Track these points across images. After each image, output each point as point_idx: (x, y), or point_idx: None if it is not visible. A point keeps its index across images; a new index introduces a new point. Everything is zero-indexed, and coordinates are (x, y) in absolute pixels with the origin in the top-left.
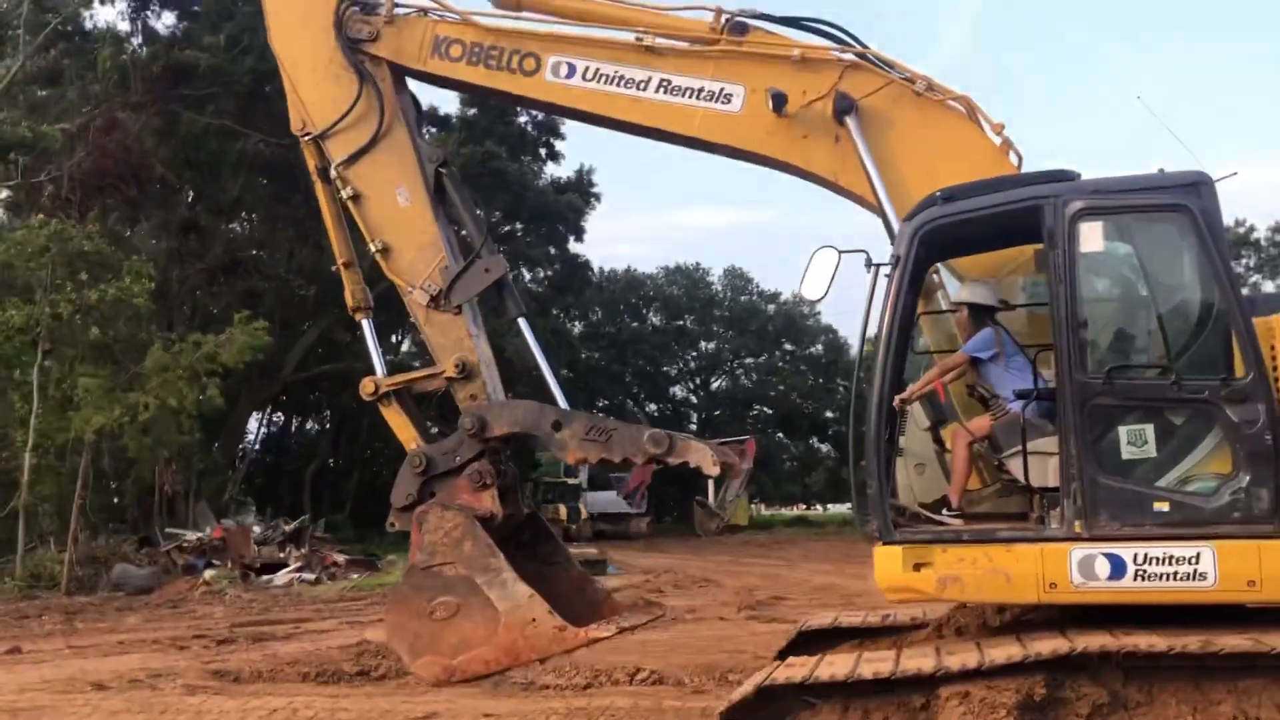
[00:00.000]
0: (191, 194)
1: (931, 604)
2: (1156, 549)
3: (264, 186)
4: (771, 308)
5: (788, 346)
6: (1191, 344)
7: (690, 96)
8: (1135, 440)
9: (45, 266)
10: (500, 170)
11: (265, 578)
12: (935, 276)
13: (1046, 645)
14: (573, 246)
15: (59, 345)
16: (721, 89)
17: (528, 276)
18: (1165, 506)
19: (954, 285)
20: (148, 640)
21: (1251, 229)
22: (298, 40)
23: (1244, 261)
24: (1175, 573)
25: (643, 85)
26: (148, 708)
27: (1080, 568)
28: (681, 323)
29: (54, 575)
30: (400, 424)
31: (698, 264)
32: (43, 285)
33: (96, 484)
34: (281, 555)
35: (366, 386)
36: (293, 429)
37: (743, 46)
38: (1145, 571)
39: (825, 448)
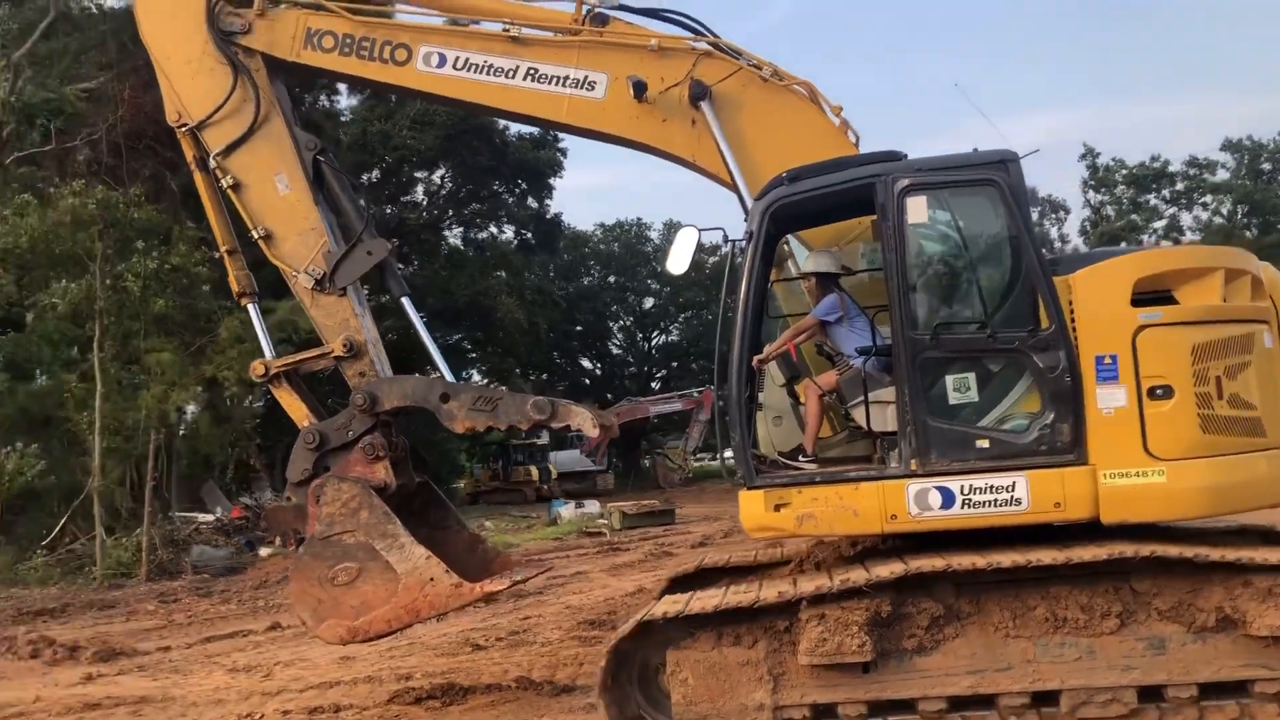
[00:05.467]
0: None
1: (791, 541)
2: (979, 480)
3: None
4: (712, 260)
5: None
6: (1004, 301)
7: (557, 84)
8: (960, 387)
9: (94, 238)
10: (483, 125)
11: None
12: (785, 247)
13: (887, 569)
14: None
15: (124, 320)
16: (585, 77)
17: (510, 234)
18: (986, 443)
19: (802, 254)
20: None
21: (1167, 163)
22: (169, 33)
23: (1162, 194)
24: (995, 500)
25: (511, 74)
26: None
27: (916, 500)
28: (622, 279)
29: (121, 561)
30: (291, 403)
31: (638, 219)
32: (94, 257)
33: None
34: None
35: (256, 369)
36: None
37: (604, 36)
38: (971, 500)
39: None
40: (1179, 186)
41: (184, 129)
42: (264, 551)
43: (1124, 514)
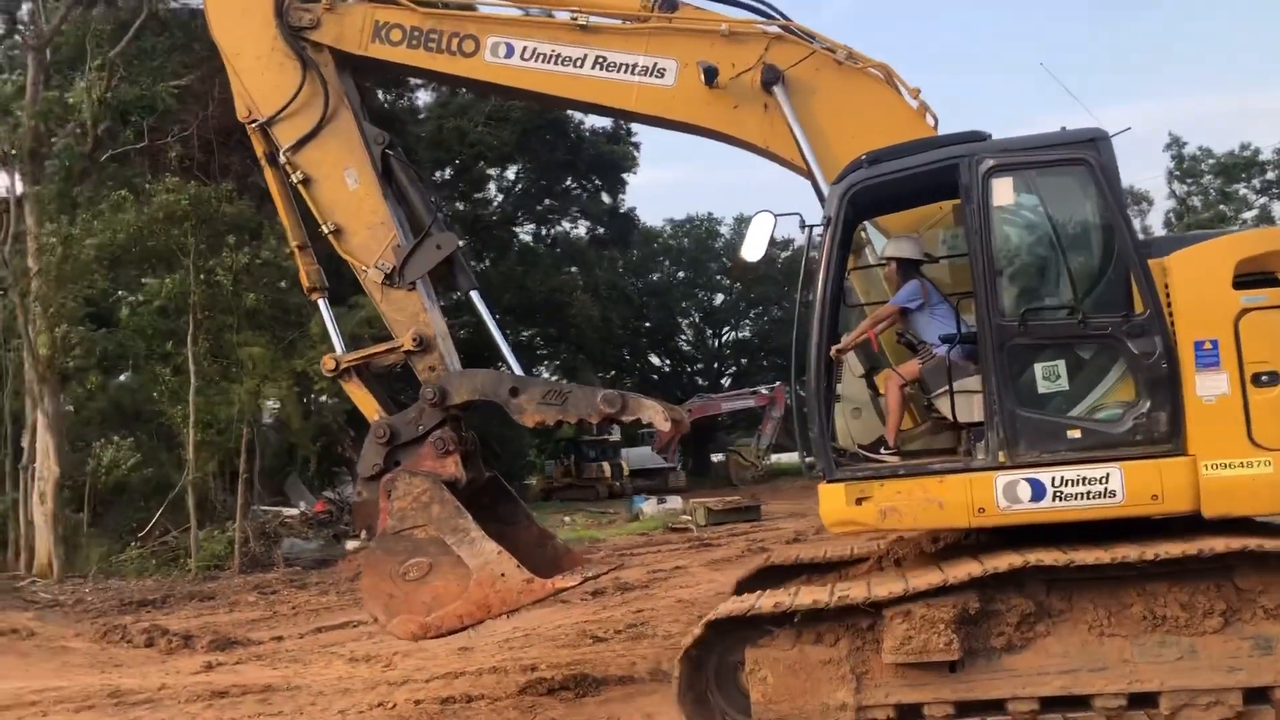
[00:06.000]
0: None
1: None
2: (1071, 472)
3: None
4: (784, 255)
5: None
6: (1095, 285)
7: (626, 72)
8: (1049, 375)
9: (186, 233)
10: (557, 119)
11: None
12: (862, 234)
13: (963, 570)
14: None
15: (217, 314)
16: (655, 64)
17: (583, 230)
18: (1077, 433)
19: (880, 241)
20: None
21: (1257, 151)
22: (239, 29)
23: (1252, 183)
24: (1088, 492)
25: (579, 63)
26: None
27: (1005, 492)
28: (691, 275)
29: (214, 554)
30: (362, 398)
31: (709, 213)
32: (186, 252)
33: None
34: None
35: (327, 363)
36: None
37: (673, 23)
38: (1062, 492)
39: None
40: (1269, 175)
41: (254, 125)
42: (350, 545)
43: (1227, 507)
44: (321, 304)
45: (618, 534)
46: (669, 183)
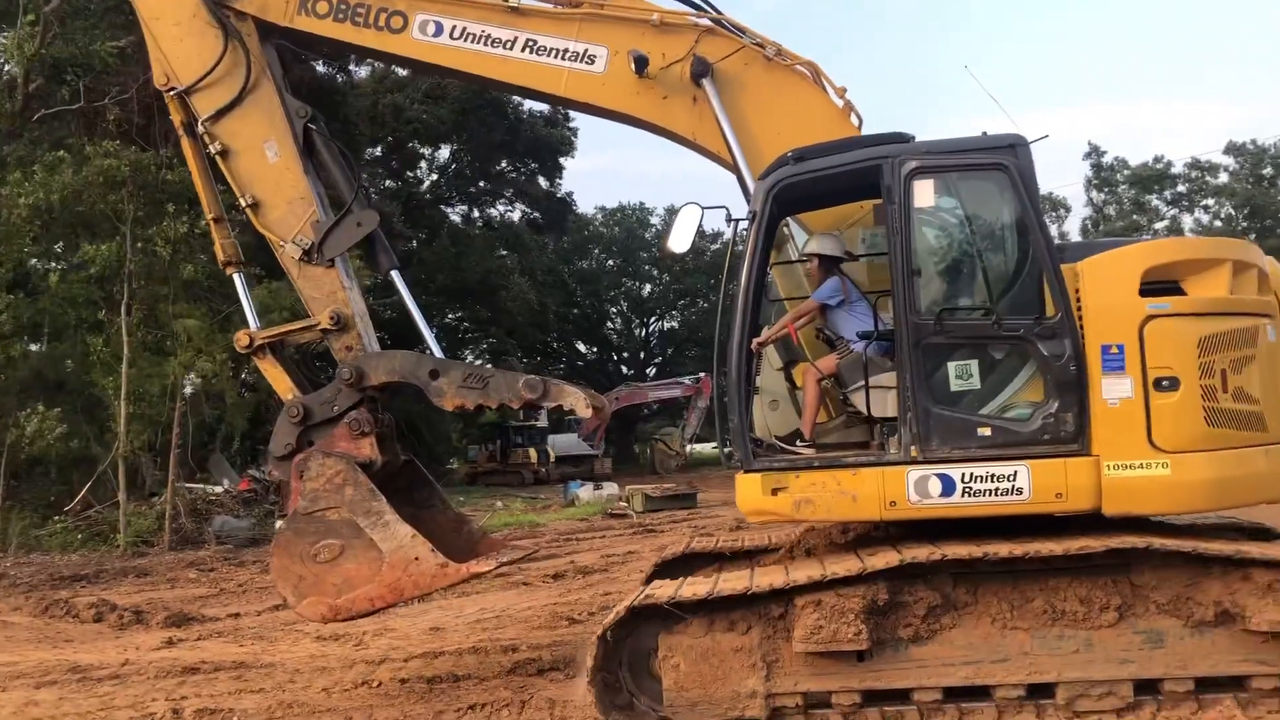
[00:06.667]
0: None
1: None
2: (980, 469)
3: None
4: (713, 248)
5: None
6: (1009, 288)
7: (556, 57)
8: (962, 374)
9: (124, 199)
10: (496, 100)
11: None
12: (785, 230)
13: (882, 559)
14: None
15: (153, 284)
16: (586, 50)
17: (516, 215)
18: (988, 431)
19: (801, 237)
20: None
21: (1170, 164)
22: None
23: (1164, 195)
24: (996, 489)
25: (510, 45)
26: None
27: (916, 487)
28: (622, 264)
29: (140, 530)
30: (275, 375)
31: (641, 203)
32: (123, 219)
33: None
34: None
35: (241, 339)
36: None
37: (604, 10)
38: (971, 489)
39: None
40: (1181, 188)
41: (172, 93)
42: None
43: (1126, 506)
44: (237, 278)
45: (556, 519)
46: (601, 169)
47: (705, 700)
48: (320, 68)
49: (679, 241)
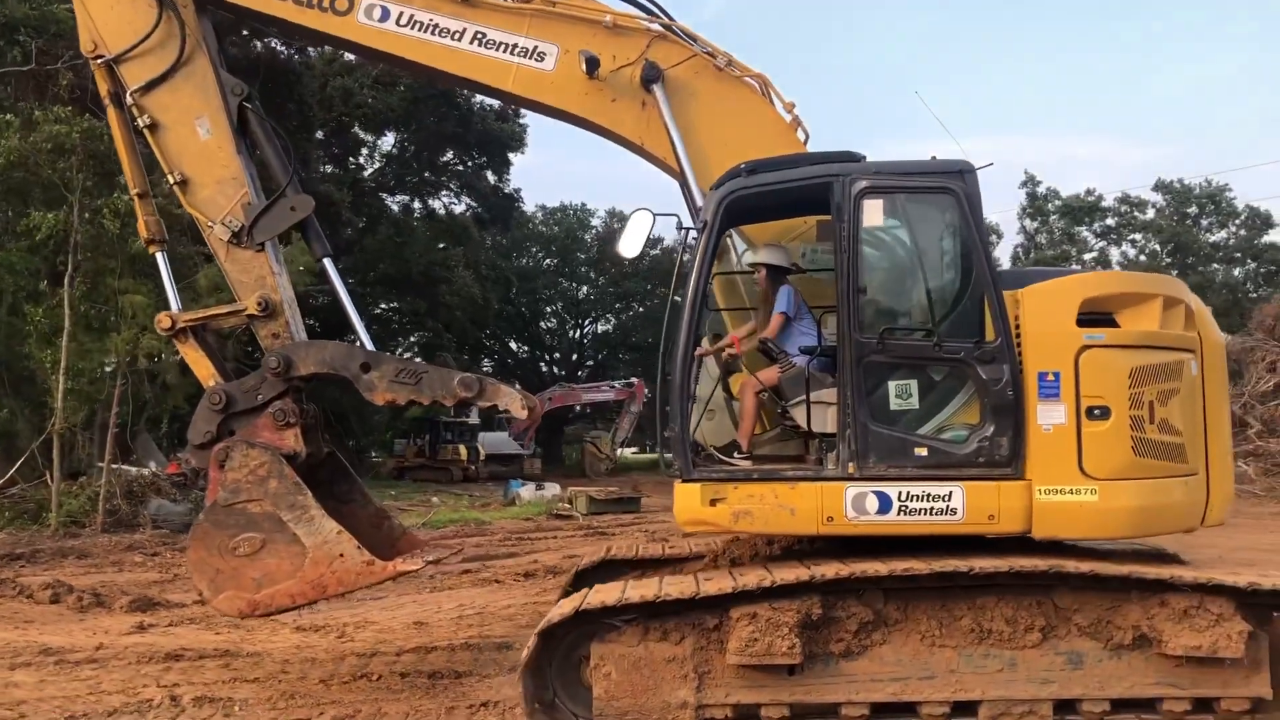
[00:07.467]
0: None
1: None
2: (917, 488)
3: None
4: (653, 253)
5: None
6: (952, 311)
7: (505, 51)
8: (902, 394)
9: (74, 167)
10: (449, 90)
11: None
12: (727, 240)
13: (829, 569)
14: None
15: (99, 257)
16: (535, 47)
17: (460, 207)
18: (924, 451)
19: (742, 248)
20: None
21: (1100, 197)
22: None
23: (1094, 227)
24: (931, 508)
25: (458, 36)
26: None
27: (853, 503)
28: (559, 263)
29: (72, 510)
30: (197, 360)
31: (582, 203)
32: (72, 188)
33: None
34: None
35: (163, 321)
36: None
37: (557, 7)
38: (907, 507)
39: None
40: (1110, 221)
41: (99, 61)
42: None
43: (1055, 530)
44: (160, 257)
45: (500, 518)
46: (542, 166)
47: (635, 709)
48: (280, 47)
49: (629, 246)
